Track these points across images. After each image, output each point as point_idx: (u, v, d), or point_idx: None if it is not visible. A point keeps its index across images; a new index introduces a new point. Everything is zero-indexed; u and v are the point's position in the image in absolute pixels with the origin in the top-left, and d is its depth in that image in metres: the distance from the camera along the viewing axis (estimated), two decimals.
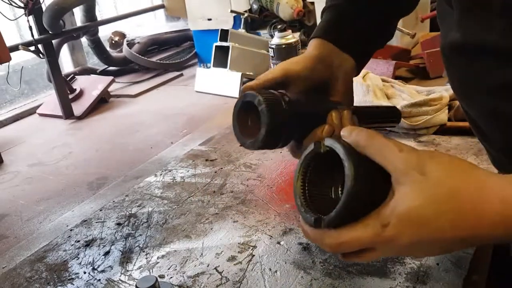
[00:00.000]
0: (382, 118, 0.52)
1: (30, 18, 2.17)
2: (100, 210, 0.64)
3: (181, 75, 2.76)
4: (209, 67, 2.05)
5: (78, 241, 0.57)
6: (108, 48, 3.07)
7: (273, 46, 0.87)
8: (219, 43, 1.87)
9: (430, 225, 0.28)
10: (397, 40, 1.17)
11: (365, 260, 0.33)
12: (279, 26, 0.93)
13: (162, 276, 0.48)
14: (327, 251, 0.33)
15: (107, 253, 0.53)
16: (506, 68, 0.34)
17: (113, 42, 3.22)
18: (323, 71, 0.46)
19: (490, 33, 0.34)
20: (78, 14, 2.71)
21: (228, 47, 1.78)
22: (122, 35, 3.25)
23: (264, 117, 0.38)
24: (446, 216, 0.28)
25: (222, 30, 1.91)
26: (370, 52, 0.52)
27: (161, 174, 0.73)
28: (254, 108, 0.39)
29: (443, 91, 0.77)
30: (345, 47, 0.48)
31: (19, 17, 2.26)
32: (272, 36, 1.46)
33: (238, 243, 0.51)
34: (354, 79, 0.50)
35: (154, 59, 2.96)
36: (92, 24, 2.77)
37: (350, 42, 0.48)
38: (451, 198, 0.28)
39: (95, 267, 0.51)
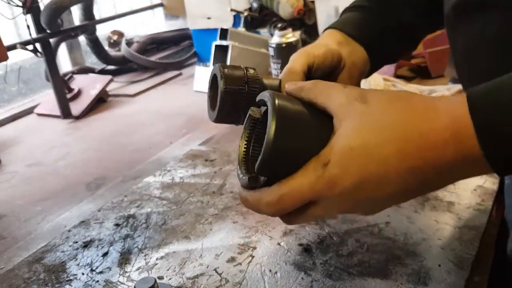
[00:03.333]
0: None
1: (28, 17, 2.16)
2: (99, 211, 0.64)
3: (180, 74, 2.76)
4: (209, 66, 2.04)
5: (76, 242, 0.57)
6: (106, 47, 3.05)
7: (273, 45, 0.87)
8: (218, 42, 1.86)
9: (374, 156, 0.25)
10: None
11: (309, 219, 0.29)
12: (279, 25, 0.93)
13: (161, 278, 0.47)
14: (268, 215, 0.29)
15: (105, 254, 0.53)
16: (510, 21, 0.32)
17: (112, 41, 3.21)
18: (331, 57, 0.43)
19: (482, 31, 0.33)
20: (76, 13, 2.70)
21: (227, 46, 1.77)
22: (121, 34, 3.24)
23: (220, 91, 0.37)
24: (391, 144, 0.25)
25: (221, 29, 1.90)
26: (387, 53, 0.48)
27: (160, 175, 0.72)
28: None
29: (445, 90, 0.77)
30: (359, 38, 0.45)
31: (17, 16, 2.25)
32: (272, 35, 1.45)
33: (238, 244, 0.51)
34: None
35: (153, 58, 2.95)
36: (90, 23, 2.76)
37: (365, 34, 0.45)
38: (395, 124, 0.25)
39: (93, 268, 0.51)
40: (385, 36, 0.46)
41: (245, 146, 0.32)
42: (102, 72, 2.96)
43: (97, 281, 0.48)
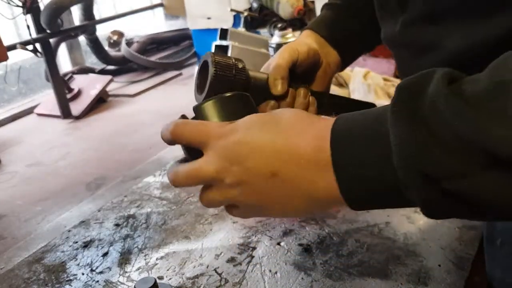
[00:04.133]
0: (352, 111, 0.53)
1: (28, 17, 2.16)
2: (99, 211, 0.64)
3: (180, 74, 2.76)
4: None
5: (76, 242, 0.57)
6: (106, 47, 3.05)
7: (273, 45, 0.87)
8: (218, 42, 1.86)
9: (262, 130, 0.29)
10: None
11: (212, 198, 0.32)
12: (279, 25, 0.93)
13: (161, 278, 0.47)
14: (169, 135, 0.33)
15: (105, 254, 0.53)
16: (419, 58, 0.37)
17: (112, 41, 3.21)
18: (311, 58, 0.48)
19: (394, 28, 0.39)
20: (76, 13, 2.70)
21: (227, 46, 1.77)
22: (121, 34, 3.24)
23: (210, 75, 0.39)
24: (278, 129, 0.29)
25: (221, 29, 1.90)
26: (356, 52, 0.55)
27: (160, 175, 0.72)
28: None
29: None
30: (333, 42, 0.50)
31: (17, 16, 2.25)
32: (272, 35, 1.45)
33: (238, 244, 0.51)
34: (356, 78, 0.51)
35: (153, 58, 2.95)
36: (90, 23, 2.76)
37: (339, 39, 0.51)
38: (290, 124, 0.29)
39: (93, 268, 0.51)
40: (354, 37, 0.52)
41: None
42: (102, 72, 2.96)
43: (97, 281, 0.48)
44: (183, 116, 0.35)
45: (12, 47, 1.95)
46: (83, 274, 0.50)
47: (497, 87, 0.21)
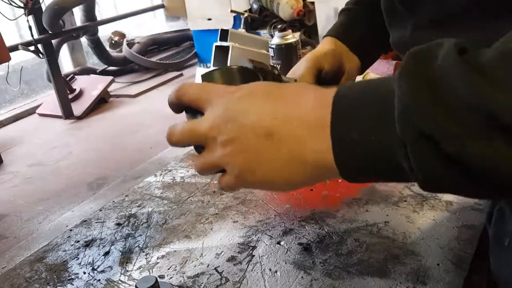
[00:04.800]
0: None
1: (30, 18, 2.17)
2: (100, 210, 0.64)
3: (181, 75, 2.76)
4: (209, 67, 2.05)
5: (78, 241, 0.57)
6: (108, 48, 3.06)
7: (273, 46, 0.87)
8: (219, 43, 1.86)
9: (265, 90, 0.30)
10: None
11: (203, 161, 0.32)
12: (279, 26, 0.93)
13: (162, 277, 0.48)
14: (169, 141, 0.33)
15: (106, 254, 0.53)
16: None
17: (113, 42, 3.22)
18: (336, 65, 0.51)
19: (404, 33, 0.40)
20: (77, 14, 2.71)
21: (228, 47, 1.78)
22: (122, 35, 3.24)
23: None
24: (280, 92, 0.30)
25: (222, 30, 1.91)
26: (375, 55, 0.57)
27: (161, 174, 0.73)
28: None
29: None
30: (354, 48, 0.53)
31: (19, 17, 2.26)
32: (272, 36, 1.45)
33: (238, 243, 0.51)
34: (356, 78, 0.53)
35: (154, 59, 2.96)
36: (91, 24, 2.77)
37: (358, 44, 0.53)
38: (292, 90, 0.30)
39: (95, 267, 0.51)
40: (372, 41, 0.54)
41: None
42: (104, 72, 2.96)
43: (99, 280, 0.49)
44: None
45: (14, 48, 1.96)
46: (84, 273, 0.50)
47: (504, 56, 0.21)
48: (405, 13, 0.40)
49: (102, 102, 2.29)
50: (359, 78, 0.81)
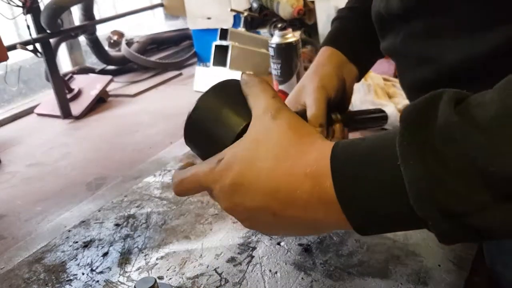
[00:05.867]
0: (371, 123, 0.58)
1: (28, 17, 2.16)
2: (99, 211, 0.64)
3: (180, 74, 2.76)
4: (209, 66, 2.04)
5: (77, 242, 0.57)
6: (106, 47, 3.05)
7: (273, 45, 0.87)
8: (218, 42, 1.86)
9: (252, 166, 0.29)
10: None
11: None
12: (279, 25, 0.93)
13: (161, 277, 0.47)
14: (174, 192, 0.34)
15: (105, 254, 0.53)
16: (418, 69, 0.38)
17: (112, 41, 3.21)
18: (341, 86, 0.51)
19: (395, 40, 0.41)
20: (76, 13, 2.70)
21: (227, 46, 1.77)
22: (121, 34, 3.23)
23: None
24: (267, 162, 0.29)
25: (221, 29, 1.90)
26: (371, 63, 0.58)
27: (160, 175, 0.72)
28: None
29: None
30: (352, 57, 0.53)
31: (17, 16, 2.25)
32: (272, 35, 1.45)
33: (238, 244, 0.51)
34: None
35: (153, 58, 2.95)
36: (90, 23, 2.76)
37: (355, 52, 0.53)
38: (282, 148, 0.29)
39: (94, 268, 0.51)
40: (369, 49, 0.54)
41: None
42: (102, 72, 2.96)
43: (97, 281, 0.48)
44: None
45: (12, 47, 1.95)
46: (83, 274, 0.50)
47: (510, 111, 0.20)
48: (399, 20, 0.40)
49: (101, 101, 2.28)
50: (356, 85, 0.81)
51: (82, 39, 2.90)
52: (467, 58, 0.34)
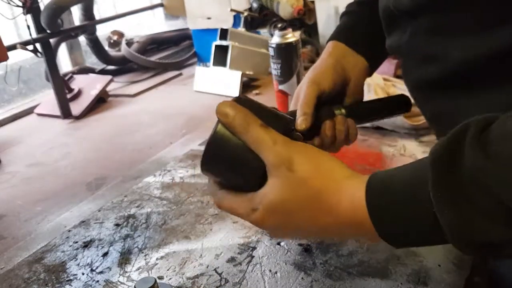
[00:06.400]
0: (386, 110, 0.54)
1: (28, 17, 2.16)
2: (99, 211, 0.64)
3: (180, 74, 2.76)
4: (209, 66, 2.04)
5: (77, 242, 0.57)
6: (106, 47, 3.05)
7: (273, 45, 0.87)
8: (218, 42, 1.86)
9: (291, 217, 0.33)
10: None
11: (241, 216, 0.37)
12: (279, 25, 0.92)
13: (161, 277, 0.47)
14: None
15: (105, 254, 0.53)
16: (424, 67, 0.39)
17: (112, 41, 3.21)
18: (339, 80, 0.50)
19: (401, 37, 0.41)
20: (76, 13, 2.70)
21: (227, 46, 1.77)
22: (121, 34, 3.24)
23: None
24: (306, 212, 0.32)
25: (221, 29, 1.90)
26: (382, 56, 0.56)
27: (160, 175, 0.72)
28: None
29: None
30: (358, 48, 0.51)
31: (17, 16, 2.25)
32: (272, 35, 1.45)
33: (238, 244, 0.51)
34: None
35: (153, 58, 2.95)
36: (90, 23, 2.76)
37: (362, 44, 0.52)
38: (312, 198, 0.32)
39: (94, 268, 0.51)
40: (377, 40, 0.52)
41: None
42: (102, 72, 2.96)
43: (97, 281, 0.48)
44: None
45: (12, 47, 1.95)
46: (83, 274, 0.50)
47: None
48: (407, 17, 0.40)
49: (101, 101, 2.28)
50: (368, 81, 0.80)
51: (82, 39, 2.90)
52: (474, 57, 0.34)
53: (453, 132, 0.26)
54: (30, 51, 2.07)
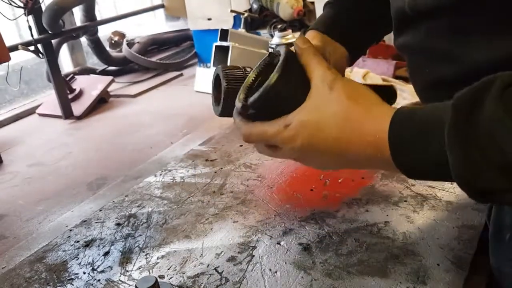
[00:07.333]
0: None
1: (30, 18, 2.17)
2: (100, 211, 0.64)
3: (181, 75, 2.76)
4: (209, 67, 2.04)
5: (78, 241, 0.57)
6: (107, 48, 3.06)
7: (273, 46, 0.87)
8: (219, 43, 1.86)
9: (321, 132, 0.35)
10: None
11: (274, 156, 0.40)
12: (279, 26, 0.93)
13: (162, 277, 0.48)
14: (242, 139, 0.40)
15: (106, 254, 0.53)
16: (435, 67, 0.39)
17: (113, 42, 3.22)
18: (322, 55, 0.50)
19: (414, 35, 0.41)
20: (77, 14, 2.71)
21: (228, 47, 1.77)
22: (122, 35, 3.24)
23: (223, 89, 0.44)
24: (333, 130, 0.35)
25: (222, 29, 1.91)
26: (363, 46, 0.57)
27: (160, 174, 0.72)
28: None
29: None
30: (338, 38, 0.52)
31: (19, 17, 2.26)
32: (272, 36, 1.46)
33: (238, 244, 0.51)
34: (355, 78, 0.52)
35: (153, 59, 2.95)
36: (91, 24, 2.76)
37: (342, 34, 0.52)
38: (343, 116, 0.35)
39: (95, 267, 0.51)
40: (358, 30, 0.53)
41: (253, 78, 0.40)
42: (104, 72, 2.96)
43: (99, 280, 0.49)
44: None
45: (14, 48, 1.96)
46: (84, 273, 0.50)
47: None
48: (422, 15, 0.39)
49: (102, 102, 2.28)
50: (358, 76, 0.80)
51: (83, 40, 2.91)
52: (494, 59, 0.34)
53: (481, 82, 0.27)
54: (32, 51, 2.08)
